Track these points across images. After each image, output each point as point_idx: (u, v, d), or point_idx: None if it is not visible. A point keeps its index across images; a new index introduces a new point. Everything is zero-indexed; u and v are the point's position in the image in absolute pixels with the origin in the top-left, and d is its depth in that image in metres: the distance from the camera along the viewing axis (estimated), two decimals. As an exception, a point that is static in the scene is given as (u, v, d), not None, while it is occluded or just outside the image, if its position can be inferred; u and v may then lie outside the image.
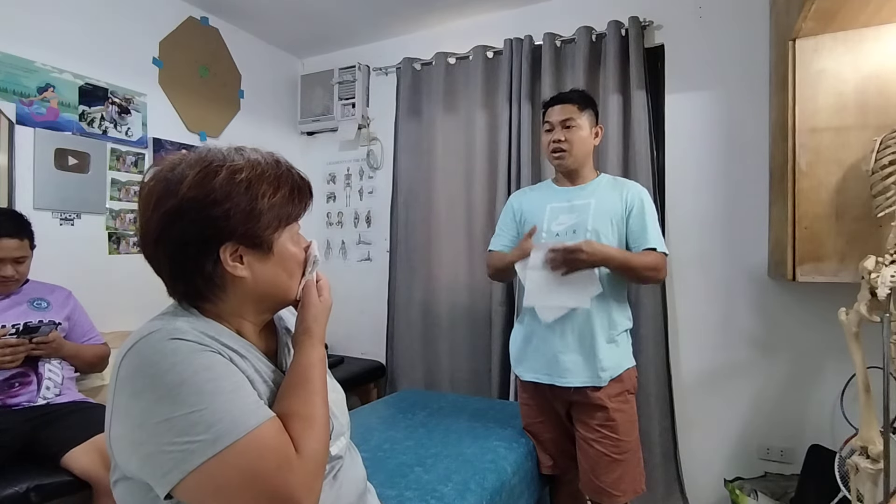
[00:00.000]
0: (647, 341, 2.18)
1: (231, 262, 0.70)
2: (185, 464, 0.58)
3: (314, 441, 0.66)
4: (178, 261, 0.70)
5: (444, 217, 2.67)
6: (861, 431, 1.47)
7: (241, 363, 0.69)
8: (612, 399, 1.55)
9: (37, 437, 1.55)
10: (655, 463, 2.16)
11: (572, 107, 1.61)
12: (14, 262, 1.69)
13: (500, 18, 2.65)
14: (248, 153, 0.73)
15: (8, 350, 1.59)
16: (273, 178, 0.72)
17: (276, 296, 0.76)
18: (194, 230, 0.67)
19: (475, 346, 2.58)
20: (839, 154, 1.69)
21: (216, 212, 0.67)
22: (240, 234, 0.69)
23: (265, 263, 0.73)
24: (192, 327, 0.67)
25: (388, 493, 1.32)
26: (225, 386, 0.63)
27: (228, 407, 0.61)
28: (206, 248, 0.69)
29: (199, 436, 0.58)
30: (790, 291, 2.07)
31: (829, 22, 1.64)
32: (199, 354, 0.64)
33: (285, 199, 0.73)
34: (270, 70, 3.07)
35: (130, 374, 0.63)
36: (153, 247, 0.70)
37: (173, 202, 0.67)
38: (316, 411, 0.69)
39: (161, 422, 0.59)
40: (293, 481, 0.61)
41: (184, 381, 0.61)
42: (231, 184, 0.68)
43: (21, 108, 1.96)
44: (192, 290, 0.72)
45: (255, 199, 0.69)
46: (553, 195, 1.70)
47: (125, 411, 0.62)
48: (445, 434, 1.75)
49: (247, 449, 0.60)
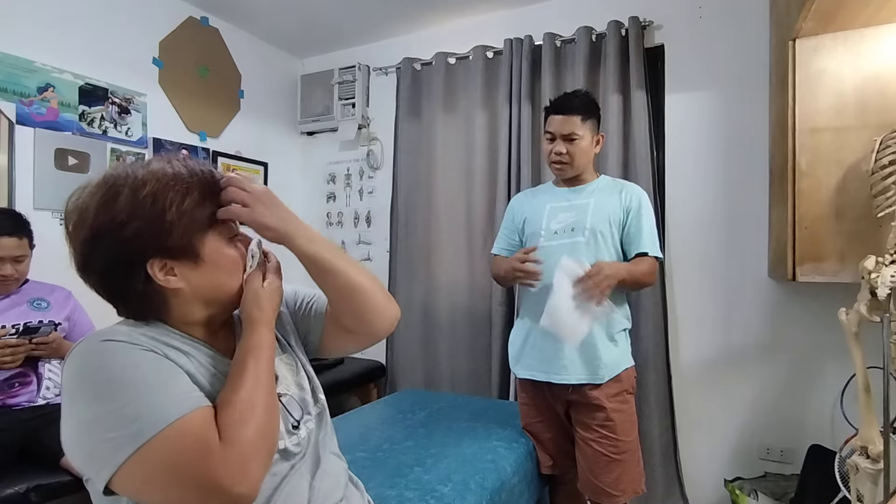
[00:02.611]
0: (646, 341, 2.18)
1: (163, 277, 0.70)
2: (114, 459, 0.60)
3: (245, 427, 0.64)
4: (110, 285, 0.71)
5: (444, 217, 2.67)
6: (861, 431, 1.47)
7: (181, 358, 0.69)
8: (611, 399, 1.55)
9: (37, 437, 1.56)
10: (655, 463, 2.16)
11: (576, 118, 1.58)
12: (13, 260, 1.69)
13: (500, 18, 2.65)
14: (154, 165, 0.71)
15: (8, 351, 1.59)
16: (180, 186, 0.70)
17: (219, 298, 0.76)
18: (113, 255, 0.68)
19: (475, 346, 2.58)
20: (839, 154, 1.69)
21: (127, 233, 0.67)
22: (158, 248, 0.69)
23: (197, 270, 0.72)
24: (131, 330, 0.69)
25: (387, 493, 1.32)
26: (151, 380, 0.63)
27: (153, 400, 0.62)
28: (131, 269, 0.69)
29: (123, 430, 0.60)
30: (790, 291, 2.07)
31: (829, 22, 1.64)
32: (127, 353, 0.65)
33: (196, 203, 0.71)
34: (270, 70, 3.07)
35: (67, 377, 0.65)
36: (84, 275, 0.71)
37: (85, 232, 0.68)
38: (250, 397, 0.67)
39: (92, 420, 0.62)
40: (215, 468, 0.60)
41: (111, 379, 0.62)
42: (135, 201, 0.67)
43: (21, 108, 1.96)
44: (133, 308, 0.73)
45: (163, 212, 0.68)
46: (553, 196, 1.71)
47: (66, 412, 0.64)
48: (445, 434, 1.75)
49: (168, 440, 0.60)
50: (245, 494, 0.62)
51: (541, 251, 1.64)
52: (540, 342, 1.61)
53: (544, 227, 1.65)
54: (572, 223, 1.61)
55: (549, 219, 1.65)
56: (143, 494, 0.62)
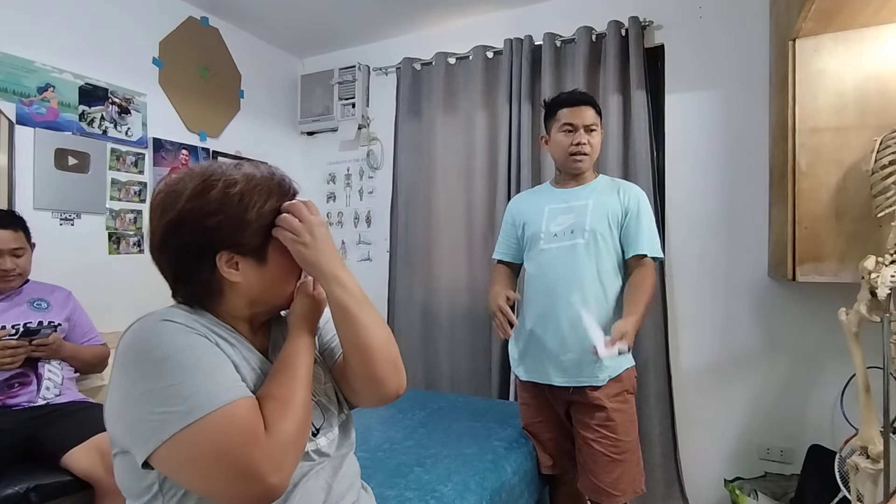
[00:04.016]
0: (646, 341, 2.18)
1: (227, 269, 0.74)
2: (161, 433, 0.62)
3: (286, 422, 0.68)
4: (179, 266, 0.76)
5: (444, 217, 2.67)
6: (861, 431, 1.47)
7: (228, 349, 0.73)
8: (612, 399, 1.55)
9: (37, 437, 1.55)
10: (655, 463, 2.16)
11: (592, 110, 1.61)
12: (12, 254, 1.68)
13: (500, 18, 2.65)
14: (246, 167, 0.78)
15: (8, 352, 1.59)
16: (265, 190, 0.76)
17: (269, 300, 0.80)
18: (192, 239, 0.73)
19: (475, 346, 2.58)
20: (839, 154, 1.69)
21: (210, 222, 0.72)
22: (232, 242, 0.74)
23: (259, 270, 0.77)
24: (186, 315, 0.73)
25: (387, 493, 1.32)
26: (205, 364, 0.67)
27: (205, 382, 0.65)
28: (202, 256, 0.74)
29: (174, 407, 0.62)
30: (790, 291, 2.07)
31: (829, 22, 1.64)
32: (184, 335, 0.69)
33: (273, 208, 0.77)
34: (270, 70, 3.07)
35: (123, 351, 0.68)
36: (158, 253, 0.76)
37: (174, 213, 0.73)
38: (293, 395, 0.71)
39: (143, 393, 0.64)
40: (258, 457, 0.63)
41: (167, 356, 0.65)
42: (225, 196, 0.73)
43: (21, 108, 1.96)
44: (191, 293, 0.77)
45: (245, 211, 0.74)
46: (551, 197, 1.70)
47: (116, 383, 0.68)
48: (445, 434, 1.75)
49: (217, 423, 0.63)
50: (277, 485, 0.65)
51: (541, 254, 1.65)
52: (541, 345, 1.61)
53: (544, 230, 1.65)
54: (571, 225, 1.61)
55: (549, 221, 1.65)
56: (181, 473, 0.65)
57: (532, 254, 1.69)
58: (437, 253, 2.68)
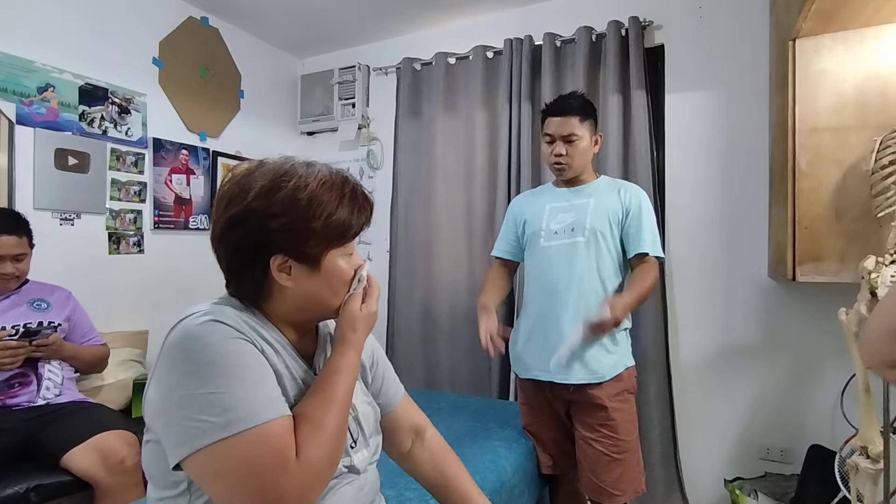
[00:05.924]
0: (646, 341, 2.18)
1: (278, 272, 0.74)
2: (195, 441, 0.62)
3: (317, 448, 0.66)
4: (234, 261, 0.76)
5: (444, 217, 2.67)
6: (861, 431, 1.47)
7: (273, 357, 0.72)
8: (612, 398, 1.55)
9: (37, 437, 1.56)
10: (655, 463, 2.16)
11: (574, 119, 1.58)
12: (13, 259, 1.69)
13: (500, 18, 2.65)
14: (318, 169, 0.76)
15: (8, 353, 1.59)
16: (336, 198, 0.75)
17: (316, 308, 0.79)
18: (251, 237, 0.72)
19: (475, 346, 2.54)
20: (839, 154, 1.69)
21: (273, 224, 0.71)
22: (290, 247, 0.73)
23: (311, 277, 0.76)
24: (236, 314, 0.72)
25: (387, 493, 1.32)
26: (249, 375, 0.66)
27: (246, 396, 0.64)
28: (258, 256, 0.73)
29: (213, 417, 0.62)
30: (790, 291, 2.07)
31: (829, 22, 1.64)
32: (233, 340, 0.68)
33: (342, 219, 0.75)
34: (270, 70, 3.07)
35: (170, 346, 0.67)
36: (217, 244, 0.76)
37: (238, 209, 0.72)
38: (327, 418, 0.69)
39: (185, 395, 0.63)
40: (284, 484, 0.62)
41: (213, 361, 0.65)
42: (293, 200, 0.72)
43: (21, 108, 1.96)
44: (241, 288, 0.77)
45: (311, 219, 0.73)
46: (553, 196, 1.71)
47: (159, 377, 0.67)
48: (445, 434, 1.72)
49: (251, 441, 0.62)
50: None
51: (541, 252, 1.65)
52: (541, 343, 1.61)
53: (544, 228, 1.65)
54: (572, 223, 1.61)
55: (549, 219, 1.66)
56: (207, 482, 0.64)
57: (532, 251, 1.69)
58: (436, 253, 2.68)
